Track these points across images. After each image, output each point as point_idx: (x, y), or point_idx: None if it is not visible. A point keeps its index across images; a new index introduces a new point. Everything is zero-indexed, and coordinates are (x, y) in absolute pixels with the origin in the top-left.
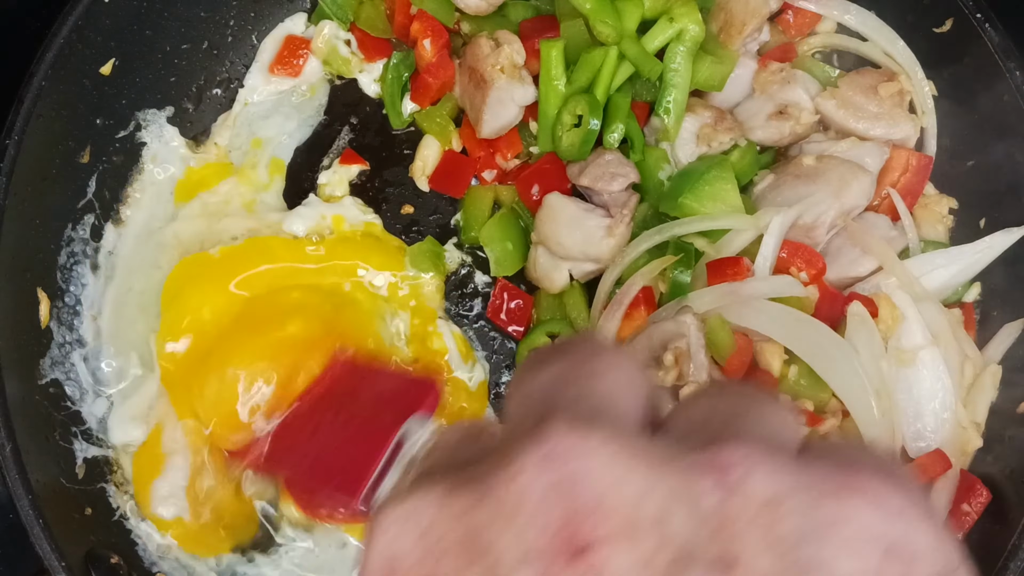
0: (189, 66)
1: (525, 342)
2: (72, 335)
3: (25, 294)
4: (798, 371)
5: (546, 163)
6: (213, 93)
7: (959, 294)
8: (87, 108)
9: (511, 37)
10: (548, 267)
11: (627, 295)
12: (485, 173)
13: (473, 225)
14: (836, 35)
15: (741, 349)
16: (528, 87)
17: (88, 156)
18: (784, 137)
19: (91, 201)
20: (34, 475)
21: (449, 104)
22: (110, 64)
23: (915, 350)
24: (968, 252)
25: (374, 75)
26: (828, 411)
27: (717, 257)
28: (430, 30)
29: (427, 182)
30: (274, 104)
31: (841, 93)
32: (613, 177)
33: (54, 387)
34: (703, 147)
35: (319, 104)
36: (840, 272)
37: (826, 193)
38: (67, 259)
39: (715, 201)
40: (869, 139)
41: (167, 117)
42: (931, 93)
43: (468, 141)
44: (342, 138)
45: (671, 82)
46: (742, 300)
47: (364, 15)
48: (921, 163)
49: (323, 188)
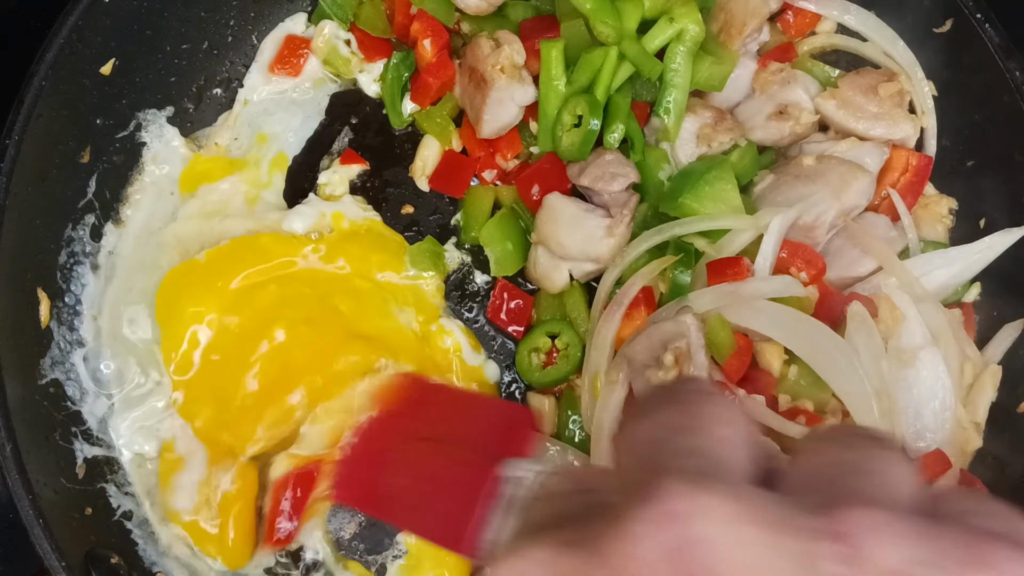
0: (189, 66)
1: (525, 342)
2: (72, 335)
3: (25, 294)
4: (798, 371)
5: (546, 163)
6: (213, 93)
7: (959, 294)
8: (87, 108)
9: (511, 37)
10: (548, 267)
11: (627, 295)
12: (485, 173)
13: (473, 225)
14: (836, 35)
15: (741, 349)
16: (528, 87)
17: (88, 156)
18: (784, 137)
19: (91, 201)
20: (34, 475)
21: (449, 104)
22: (110, 64)
23: (915, 350)
24: (968, 252)
25: (374, 75)
26: (828, 411)
27: (717, 257)
28: (430, 30)
29: (427, 182)
30: (276, 102)
31: (841, 93)
32: (613, 177)
33: (54, 387)
34: (703, 147)
35: (320, 103)
36: (840, 272)
37: (826, 193)
38: (67, 259)
39: (715, 201)
40: (869, 139)
41: (167, 117)
42: (931, 93)
43: (468, 141)
44: (342, 138)
45: (671, 82)
46: (742, 300)
47: (364, 15)
48: (921, 163)
49: (323, 188)
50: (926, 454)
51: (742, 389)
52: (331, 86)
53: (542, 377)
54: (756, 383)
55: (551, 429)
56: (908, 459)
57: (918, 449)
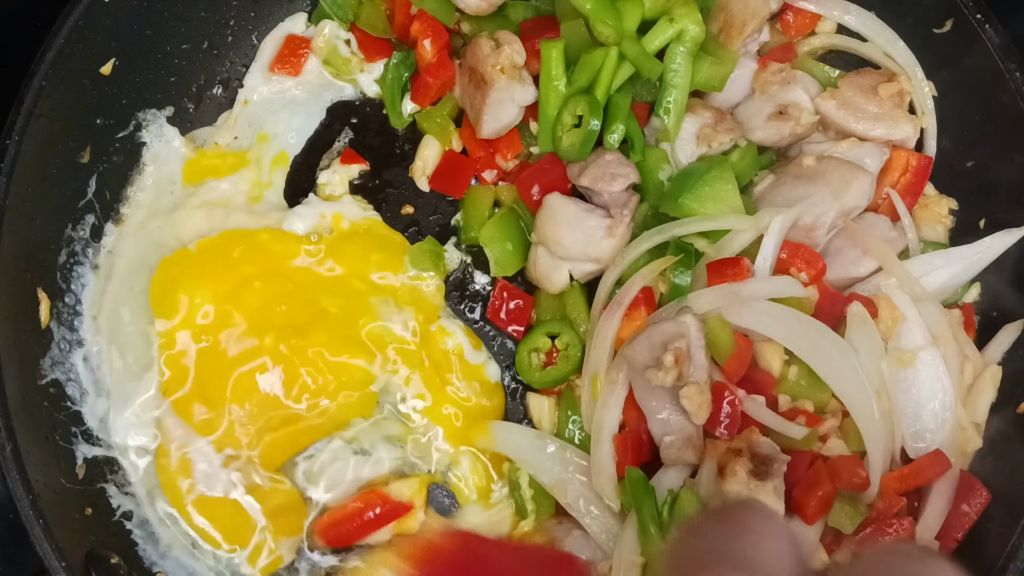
0: (189, 66)
1: (525, 342)
2: (72, 335)
3: (25, 294)
4: (798, 371)
5: (546, 163)
6: (213, 93)
7: (959, 295)
8: (87, 108)
9: (511, 37)
10: (548, 267)
11: (627, 295)
12: (485, 173)
13: (473, 225)
14: (836, 35)
15: (741, 350)
16: (528, 87)
17: (88, 156)
18: (784, 138)
19: (91, 201)
20: (34, 475)
21: (449, 104)
22: (110, 64)
23: (915, 351)
24: (968, 253)
25: (374, 75)
26: (828, 411)
27: (717, 258)
28: (430, 30)
29: (427, 182)
30: (276, 102)
31: (841, 94)
32: (613, 177)
33: (54, 387)
34: (703, 147)
35: (320, 103)
36: (840, 273)
37: (826, 194)
38: (67, 259)
39: (715, 202)
40: (869, 140)
41: (167, 117)
42: (931, 94)
43: (468, 141)
44: (342, 138)
45: (671, 82)
46: (742, 300)
47: (364, 15)
48: (921, 164)
49: (323, 188)
50: (926, 454)
51: (742, 389)
52: (331, 86)
53: (542, 377)
54: (756, 383)
55: (551, 429)
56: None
57: (918, 449)
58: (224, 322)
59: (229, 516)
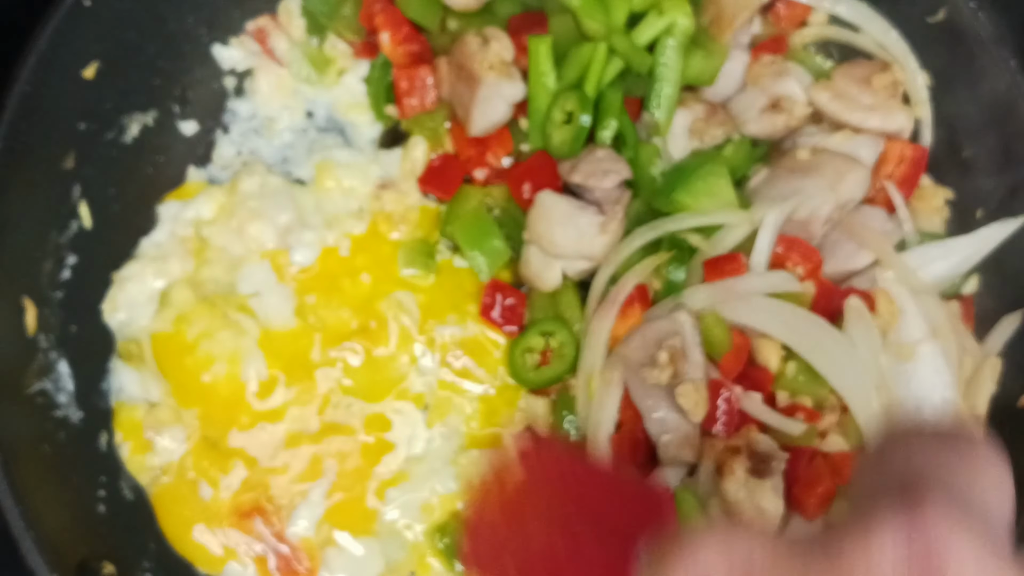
0: (173, 68)
1: (518, 342)
2: (59, 343)
3: (10, 302)
4: (796, 367)
5: (537, 160)
6: (198, 95)
7: (957, 286)
8: (70, 113)
9: (499, 33)
10: (541, 266)
11: (621, 293)
12: (476, 172)
13: (455, 229)
14: (828, 26)
15: (738, 346)
16: (517, 84)
17: (72, 161)
18: (778, 130)
19: (75, 207)
20: (24, 485)
21: (443, 112)
22: (93, 67)
23: (914, 344)
24: (965, 244)
25: (360, 74)
26: (827, 407)
27: (712, 253)
28: (389, 23)
29: (417, 184)
30: (261, 105)
31: (834, 85)
32: (605, 173)
33: (42, 396)
34: (695, 142)
35: (305, 104)
36: (837, 266)
37: (821, 187)
38: (53, 266)
39: (709, 196)
40: (863, 131)
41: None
42: (925, 83)
43: (458, 140)
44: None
45: (661, 76)
46: (738, 296)
47: (339, 22)
48: (916, 154)
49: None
50: None
51: (739, 386)
52: (316, 85)
53: (536, 377)
54: (753, 380)
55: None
56: None
57: None
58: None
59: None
